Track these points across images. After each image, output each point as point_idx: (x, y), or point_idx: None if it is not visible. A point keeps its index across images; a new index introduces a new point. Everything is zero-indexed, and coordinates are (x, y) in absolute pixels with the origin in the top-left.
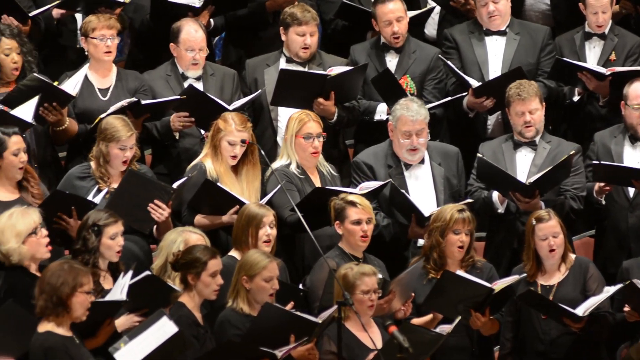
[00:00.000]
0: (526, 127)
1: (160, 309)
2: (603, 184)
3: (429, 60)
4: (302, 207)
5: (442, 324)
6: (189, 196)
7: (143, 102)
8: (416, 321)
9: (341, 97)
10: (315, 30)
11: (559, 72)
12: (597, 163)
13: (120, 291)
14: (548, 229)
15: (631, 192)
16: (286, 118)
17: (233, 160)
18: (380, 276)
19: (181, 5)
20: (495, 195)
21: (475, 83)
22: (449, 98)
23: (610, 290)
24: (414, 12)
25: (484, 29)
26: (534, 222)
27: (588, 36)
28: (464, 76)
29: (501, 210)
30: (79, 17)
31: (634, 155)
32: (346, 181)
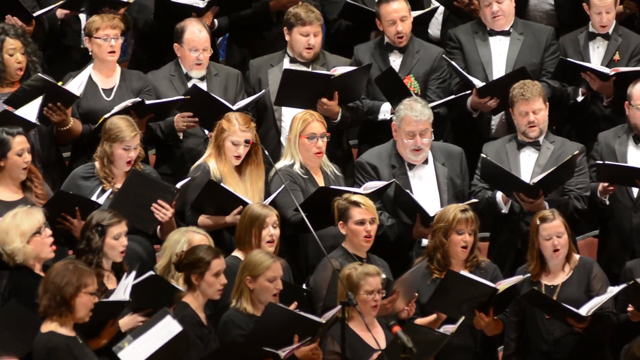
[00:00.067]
0: (530, 127)
1: (164, 308)
2: (607, 184)
3: (433, 60)
4: (306, 207)
5: (446, 324)
6: (193, 196)
7: (147, 102)
8: (420, 321)
9: (345, 97)
10: (319, 30)
11: (563, 72)
12: (601, 163)
13: (123, 291)
14: (552, 229)
15: (635, 192)
16: (290, 118)
17: (237, 160)
18: (383, 276)
19: (185, 5)
20: (499, 195)
21: (479, 83)
22: (453, 96)
23: (613, 290)
24: (418, 12)
25: (488, 29)
26: (538, 222)
27: (592, 36)
28: (468, 76)
29: (505, 210)
30: (83, 17)
31: (638, 155)
32: (350, 181)
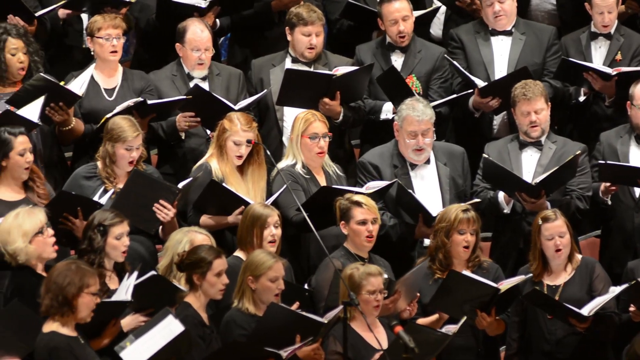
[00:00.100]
0: (532, 127)
1: (165, 307)
2: (609, 184)
3: (435, 59)
4: (308, 207)
5: (448, 324)
6: (195, 196)
7: (149, 102)
8: (422, 321)
9: (347, 97)
10: (320, 30)
11: (565, 72)
12: (603, 163)
13: (125, 292)
14: (554, 229)
15: (637, 192)
16: (292, 118)
17: (239, 160)
18: (385, 276)
19: (187, 5)
20: (501, 195)
21: (481, 83)
22: (454, 95)
23: (615, 290)
24: (420, 12)
25: (490, 29)
26: (541, 222)
27: (594, 36)
28: (470, 76)
29: (507, 210)
30: (85, 17)
31: None
32: (352, 181)
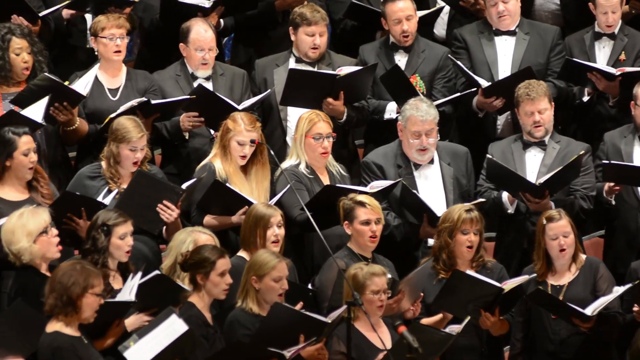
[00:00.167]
0: (535, 127)
1: (169, 307)
2: (613, 184)
3: (438, 59)
4: (312, 206)
5: (452, 324)
6: (199, 196)
7: (153, 102)
8: (426, 321)
9: (350, 97)
10: (324, 30)
11: (569, 72)
12: (607, 163)
13: (129, 292)
14: (559, 229)
15: None
16: (295, 118)
17: (242, 160)
18: (389, 276)
19: (191, 5)
20: (505, 195)
21: (484, 83)
22: (458, 94)
23: (619, 290)
24: (423, 12)
25: (494, 29)
26: (545, 222)
27: (598, 36)
28: (474, 76)
29: (511, 210)
30: (89, 17)
31: None
32: (356, 181)
